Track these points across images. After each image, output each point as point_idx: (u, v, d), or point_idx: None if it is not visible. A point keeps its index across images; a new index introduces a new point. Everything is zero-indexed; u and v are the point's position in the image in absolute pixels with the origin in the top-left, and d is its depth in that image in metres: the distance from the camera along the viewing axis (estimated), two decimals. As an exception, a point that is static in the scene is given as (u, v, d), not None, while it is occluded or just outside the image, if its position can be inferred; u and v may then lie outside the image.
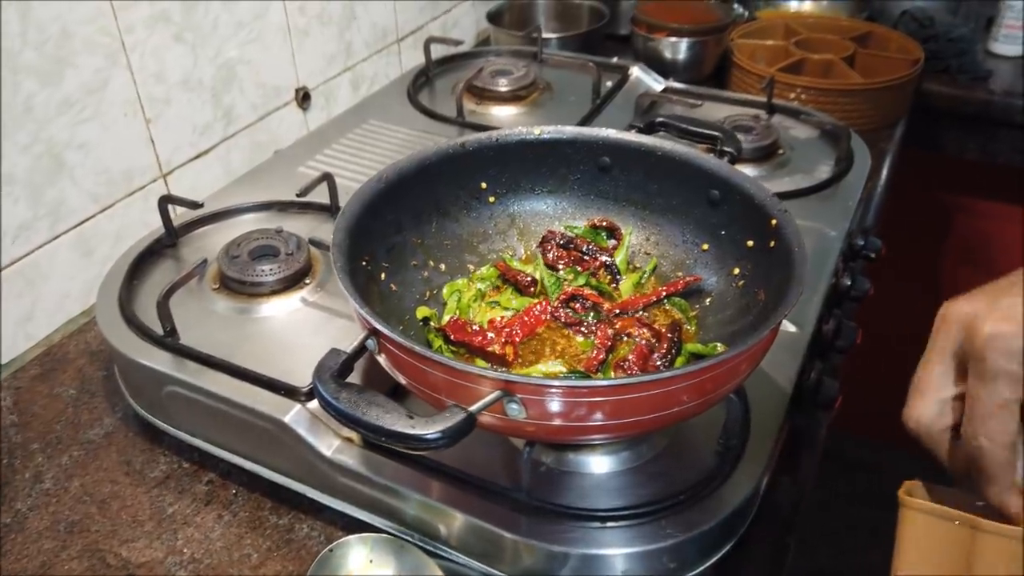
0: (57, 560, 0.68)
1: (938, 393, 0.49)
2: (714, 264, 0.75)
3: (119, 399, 0.82)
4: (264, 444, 0.71)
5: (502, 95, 1.21)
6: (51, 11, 0.84)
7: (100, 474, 0.75)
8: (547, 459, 0.67)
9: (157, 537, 0.69)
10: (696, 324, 0.73)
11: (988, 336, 0.45)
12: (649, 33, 1.42)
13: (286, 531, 0.70)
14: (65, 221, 0.91)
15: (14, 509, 0.72)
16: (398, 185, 0.72)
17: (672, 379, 0.53)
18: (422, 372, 0.55)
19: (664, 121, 0.89)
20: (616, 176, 0.79)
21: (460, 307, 0.74)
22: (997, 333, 0.45)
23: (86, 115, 0.90)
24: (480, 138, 0.77)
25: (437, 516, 0.65)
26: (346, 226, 0.66)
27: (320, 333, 0.77)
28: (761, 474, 0.66)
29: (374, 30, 1.33)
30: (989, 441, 0.45)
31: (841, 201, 0.99)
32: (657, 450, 0.68)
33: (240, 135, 1.11)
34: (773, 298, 0.63)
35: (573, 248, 0.78)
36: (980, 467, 0.46)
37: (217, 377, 0.72)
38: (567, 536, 0.61)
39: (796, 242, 0.63)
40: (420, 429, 0.49)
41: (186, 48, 1.00)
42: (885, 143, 1.28)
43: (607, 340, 0.68)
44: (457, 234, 0.79)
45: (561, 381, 0.53)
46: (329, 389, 0.53)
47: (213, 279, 0.83)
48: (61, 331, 0.93)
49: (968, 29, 1.54)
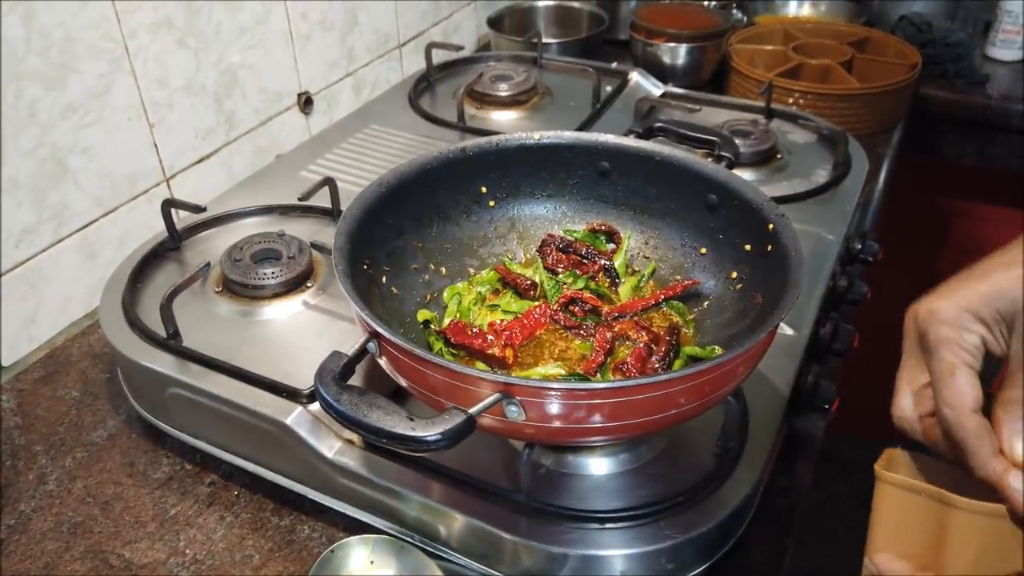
0: (60, 561, 0.68)
1: (911, 385, 0.51)
2: (712, 268, 0.75)
3: (122, 401, 0.83)
4: (266, 446, 0.71)
5: (502, 100, 1.22)
6: (55, 17, 0.84)
7: (103, 476, 0.76)
8: (546, 461, 0.67)
9: (160, 538, 0.70)
10: (694, 327, 0.73)
11: (927, 312, 0.49)
12: (648, 38, 1.43)
13: (288, 532, 0.70)
14: (69, 225, 0.92)
15: (18, 510, 0.73)
16: (399, 189, 0.73)
17: (670, 381, 0.53)
18: (422, 374, 0.55)
19: (663, 126, 0.90)
20: (615, 180, 0.80)
21: (460, 310, 0.75)
22: (935, 308, 0.49)
23: (90, 120, 0.91)
24: (480, 143, 0.78)
25: (437, 517, 0.65)
26: (347, 230, 0.66)
27: (322, 336, 0.78)
28: (759, 476, 0.67)
29: (376, 35, 1.33)
30: (951, 409, 0.47)
31: (839, 205, 1.00)
32: (656, 452, 0.68)
33: (242, 139, 1.12)
34: (770, 301, 0.64)
35: (572, 252, 0.79)
36: (954, 440, 0.47)
37: (219, 379, 0.72)
38: (566, 537, 0.62)
39: (793, 246, 0.63)
40: (420, 431, 0.50)
41: (189, 53, 1.01)
42: (883, 147, 1.29)
43: (606, 343, 0.69)
44: (458, 238, 0.80)
45: (560, 383, 0.53)
46: (331, 391, 0.53)
47: (216, 282, 0.84)
48: (64, 334, 0.93)
49: (966, 34, 1.55)
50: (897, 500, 0.48)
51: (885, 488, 0.49)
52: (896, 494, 0.48)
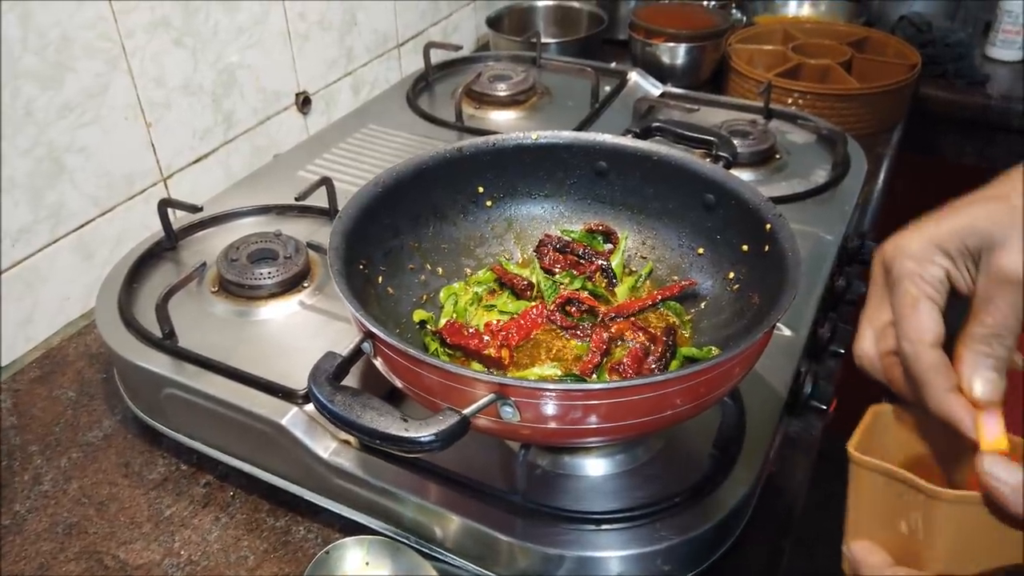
0: (55, 562, 0.68)
1: (873, 324, 0.50)
2: (709, 268, 0.75)
3: (118, 401, 0.82)
4: (262, 446, 0.71)
5: (501, 100, 1.21)
6: (52, 16, 0.84)
7: (99, 476, 0.76)
8: (542, 462, 0.67)
9: (155, 539, 0.70)
10: (691, 328, 0.73)
11: (892, 248, 0.49)
12: (647, 38, 1.43)
13: (283, 533, 0.70)
14: (65, 224, 0.92)
15: (13, 511, 0.72)
16: (395, 189, 0.73)
17: (666, 382, 0.53)
18: (417, 375, 0.55)
19: (660, 126, 0.90)
20: (612, 180, 0.80)
21: (457, 310, 0.74)
22: (901, 243, 0.48)
23: (86, 119, 0.91)
24: (477, 142, 0.78)
25: (433, 518, 0.65)
26: (343, 230, 0.66)
27: (318, 336, 0.78)
28: (756, 477, 0.67)
29: (375, 35, 1.33)
30: (911, 343, 0.46)
31: (838, 205, 1.00)
32: (652, 453, 0.68)
33: (240, 139, 1.12)
34: (767, 302, 0.63)
35: (569, 252, 0.78)
36: (912, 374, 0.46)
37: (215, 380, 0.72)
38: (562, 539, 0.61)
39: (790, 246, 0.63)
40: (414, 432, 0.50)
41: (186, 53, 1.01)
42: (882, 148, 1.28)
43: (602, 343, 0.69)
44: (454, 238, 0.79)
45: (554, 384, 0.53)
46: (324, 392, 0.53)
47: (212, 282, 0.83)
48: (61, 334, 0.93)
49: (966, 34, 1.55)
50: (871, 485, 0.46)
51: (859, 472, 0.47)
52: (870, 479, 0.46)
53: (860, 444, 0.48)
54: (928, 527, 0.44)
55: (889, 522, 0.46)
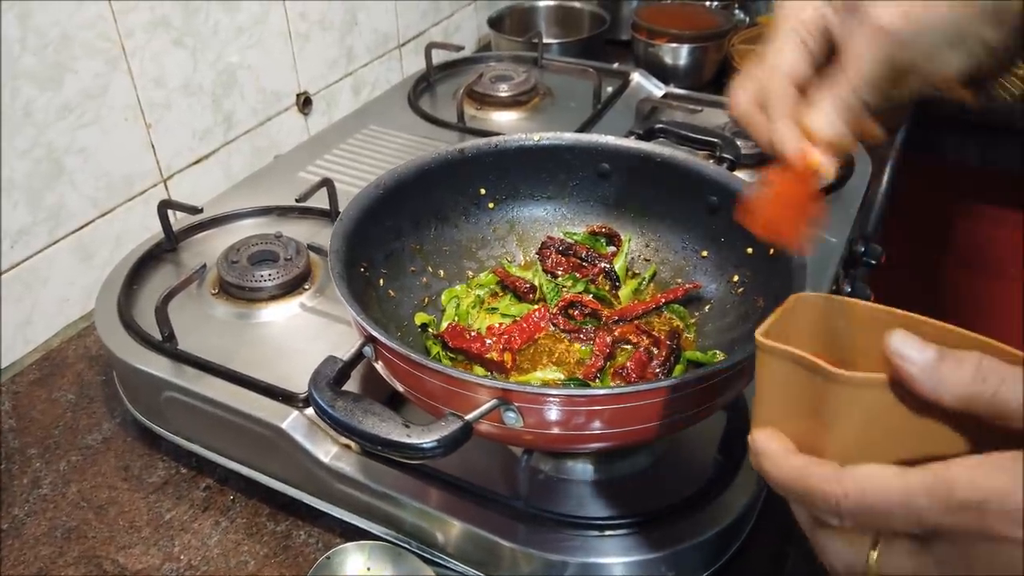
0: (54, 566, 0.68)
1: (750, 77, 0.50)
2: (713, 271, 0.75)
3: (117, 404, 0.82)
4: (262, 450, 0.70)
5: (503, 100, 1.21)
6: (51, 16, 0.84)
7: (98, 479, 0.75)
8: (545, 467, 0.67)
9: (154, 543, 0.69)
10: (695, 331, 0.73)
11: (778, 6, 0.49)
12: (650, 39, 1.42)
13: (283, 538, 0.70)
14: (65, 226, 0.91)
15: (11, 515, 0.72)
16: (397, 191, 0.72)
17: (671, 388, 0.52)
18: (419, 380, 0.55)
19: (663, 127, 0.89)
20: (615, 182, 0.79)
21: (459, 313, 0.74)
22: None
23: (86, 120, 0.90)
24: (479, 144, 0.77)
25: (435, 524, 0.65)
26: (344, 232, 0.66)
27: (319, 338, 0.77)
28: (761, 482, 0.66)
29: (375, 35, 1.33)
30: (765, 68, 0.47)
31: (842, 208, 0.99)
32: (656, 458, 0.68)
33: (240, 140, 1.11)
34: (772, 305, 0.63)
35: (572, 254, 0.78)
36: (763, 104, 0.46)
37: (215, 383, 0.72)
38: (565, 544, 0.61)
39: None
40: (416, 438, 0.49)
41: (186, 53, 1.00)
42: (885, 150, 1.28)
43: (606, 347, 0.68)
44: (456, 240, 0.79)
45: (558, 390, 0.52)
46: (325, 397, 0.52)
47: (212, 284, 0.83)
48: (60, 336, 0.93)
49: (969, 35, 1.54)
50: (778, 372, 0.42)
51: (765, 359, 0.43)
52: (776, 365, 0.42)
53: (771, 331, 0.44)
54: (832, 413, 0.40)
55: (794, 410, 0.42)
